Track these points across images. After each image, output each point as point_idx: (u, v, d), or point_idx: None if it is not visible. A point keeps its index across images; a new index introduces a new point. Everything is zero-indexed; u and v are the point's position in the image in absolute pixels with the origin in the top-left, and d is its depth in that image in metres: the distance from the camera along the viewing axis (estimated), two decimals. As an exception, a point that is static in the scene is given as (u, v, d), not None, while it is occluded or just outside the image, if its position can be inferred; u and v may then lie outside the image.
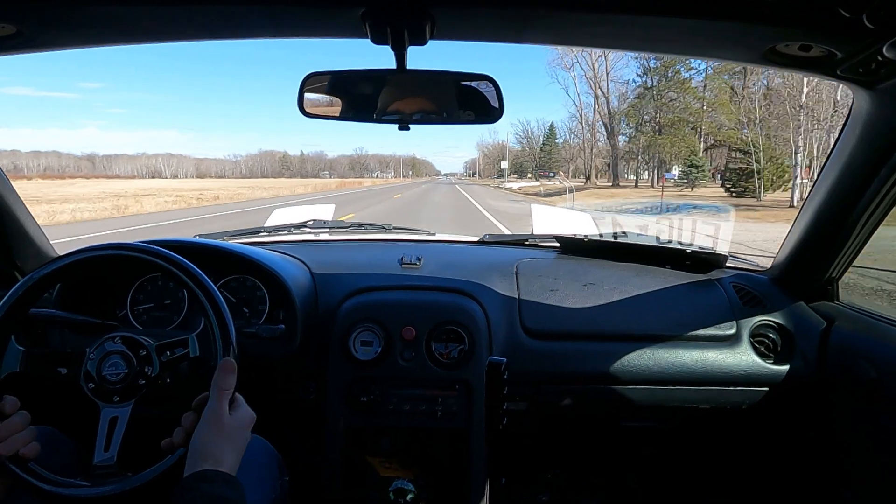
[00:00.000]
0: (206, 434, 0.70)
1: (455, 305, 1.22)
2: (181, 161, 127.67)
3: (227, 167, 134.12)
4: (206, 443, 0.69)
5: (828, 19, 0.64)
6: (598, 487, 1.62)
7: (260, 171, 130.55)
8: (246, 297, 1.22)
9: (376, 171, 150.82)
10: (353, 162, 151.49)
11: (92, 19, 0.72)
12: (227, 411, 0.73)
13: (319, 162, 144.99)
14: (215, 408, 0.72)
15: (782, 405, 1.26)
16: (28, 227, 1.18)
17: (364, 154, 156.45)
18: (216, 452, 0.68)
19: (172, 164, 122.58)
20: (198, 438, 0.70)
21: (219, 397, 0.73)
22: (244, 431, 0.74)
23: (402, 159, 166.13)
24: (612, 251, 1.48)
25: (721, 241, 1.77)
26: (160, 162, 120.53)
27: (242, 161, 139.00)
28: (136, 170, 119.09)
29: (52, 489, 0.74)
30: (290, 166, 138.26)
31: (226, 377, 0.75)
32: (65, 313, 1.06)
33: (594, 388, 1.24)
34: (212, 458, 0.67)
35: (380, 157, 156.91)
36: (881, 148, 0.93)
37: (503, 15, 0.71)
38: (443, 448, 1.24)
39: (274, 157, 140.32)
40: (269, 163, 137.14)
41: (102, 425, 0.79)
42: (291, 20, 0.73)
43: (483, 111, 0.88)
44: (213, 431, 0.70)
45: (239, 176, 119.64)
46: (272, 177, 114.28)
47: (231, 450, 0.70)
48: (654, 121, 36.13)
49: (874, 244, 1.13)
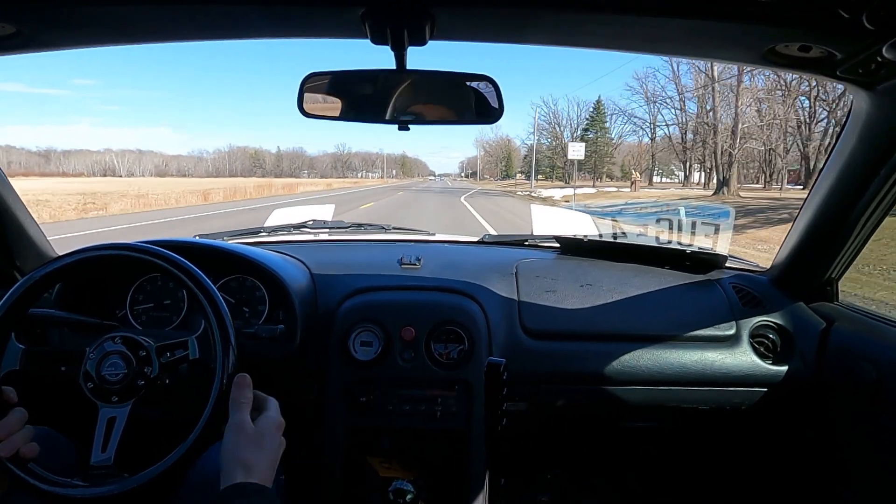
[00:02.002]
0: (233, 443, 0.71)
1: (455, 306, 1.22)
2: (140, 158, 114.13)
3: (191, 165, 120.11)
4: (234, 451, 0.70)
5: (828, 20, 0.64)
6: (598, 488, 1.62)
7: (228, 170, 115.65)
8: (245, 297, 1.21)
9: (361, 170, 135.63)
10: (336, 160, 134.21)
11: (92, 19, 0.72)
12: (250, 420, 0.73)
13: (297, 160, 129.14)
14: (237, 419, 0.73)
15: (782, 406, 1.26)
16: (28, 228, 1.18)
17: (347, 152, 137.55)
18: (246, 458, 0.69)
19: (128, 161, 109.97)
20: (226, 450, 0.70)
21: (237, 409, 0.74)
22: (274, 436, 0.74)
23: (391, 158, 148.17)
24: (611, 251, 1.48)
25: (721, 241, 1.77)
26: (114, 159, 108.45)
27: (210, 158, 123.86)
28: (89, 167, 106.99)
29: (49, 489, 0.74)
30: (262, 164, 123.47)
31: (241, 391, 0.76)
32: (64, 313, 1.05)
33: (594, 388, 1.24)
34: (242, 465, 0.68)
35: (364, 156, 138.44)
36: (881, 148, 0.93)
37: (503, 15, 0.71)
38: (442, 448, 1.24)
39: (245, 154, 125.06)
40: (241, 160, 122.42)
41: (100, 425, 0.79)
42: (291, 20, 0.73)
43: (483, 111, 0.88)
44: (240, 440, 0.71)
45: (203, 174, 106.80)
46: (242, 175, 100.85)
47: (261, 455, 0.70)
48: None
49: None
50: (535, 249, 1.58)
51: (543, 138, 55.13)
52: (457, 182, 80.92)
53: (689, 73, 32.55)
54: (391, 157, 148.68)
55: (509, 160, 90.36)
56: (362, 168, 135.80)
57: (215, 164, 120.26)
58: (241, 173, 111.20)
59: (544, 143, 55.51)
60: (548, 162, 58.46)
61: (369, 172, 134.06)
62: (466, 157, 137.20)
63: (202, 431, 0.78)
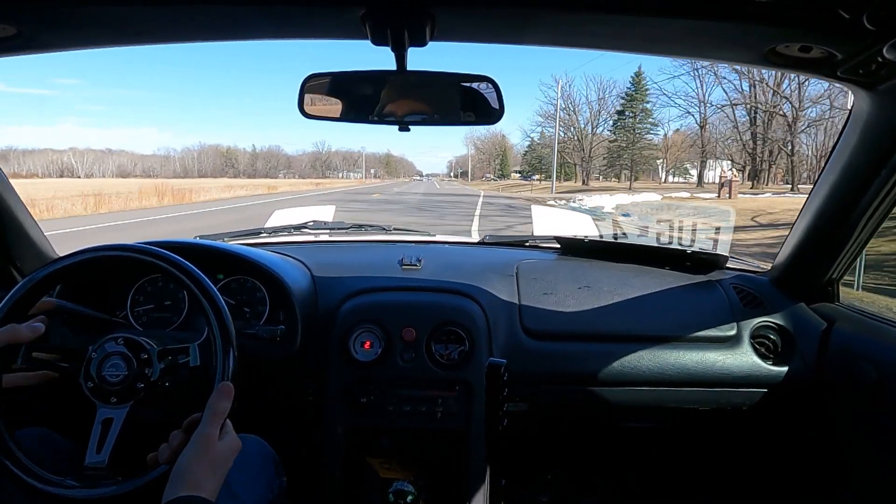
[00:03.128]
0: (192, 457, 0.68)
1: (455, 306, 1.22)
2: (102, 158, 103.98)
3: (157, 164, 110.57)
4: (190, 466, 0.67)
5: (828, 20, 0.64)
6: (598, 488, 1.62)
7: (197, 170, 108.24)
8: (246, 298, 1.21)
9: (343, 169, 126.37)
10: (315, 159, 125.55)
11: (92, 20, 0.72)
12: (217, 437, 0.71)
13: (272, 159, 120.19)
14: (206, 432, 0.70)
15: (782, 406, 1.26)
16: (28, 228, 1.18)
17: (327, 151, 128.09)
18: (199, 478, 0.67)
19: (87, 160, 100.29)
20: (184, 460, 0.68)
21: (211, 421, 0.72)
22: (229, 460, 0.72)
23: (376, 157, 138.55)
24: (612, 252, 1.48)
25: (721, 241, 1.77)
26: (72, 159, 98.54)
27: (177, 158, 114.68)
28: (44, 168, 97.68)
29: (42, 487, 0.74)
30: (234, 164, 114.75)
31: (221, 400, 0.74)
32: (72, 304, 1.06)
33: (594, 388, 1.24)
34: (194, 484, 0.66)
35: (345, 154, 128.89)
36: (881, 149, 0.93)
37: (503, 15, 0.71)
38: (443, 449, 1.24)
39: (217, 153, 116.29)
40: (212, 159, 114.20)
41: (96, 426, 0.79)
42: (291, 21, 0.73)
43: (483, 112, 0.88)
44: (201, 456, 0.68)
45: (170, 175, 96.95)
46: (213, 176, 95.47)
47: (213, 477, 0.68)
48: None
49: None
50: (536, 250, 1.58)
51: (549, 129, 45.14)
52: (445, 184, 67.09)
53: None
54: (376, 157, 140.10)
55: (504, 158, 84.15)
56: (344, 167, 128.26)
57: (184, 164, 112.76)
58: (211, 173, 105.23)
59: (550, 135, 44.90)
60: (557, 159, 44.64)
61: (350, 172, 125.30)
62: (455, 157, 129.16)
63: None
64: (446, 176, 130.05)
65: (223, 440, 0.72)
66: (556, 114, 40.45)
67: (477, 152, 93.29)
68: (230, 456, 0.72)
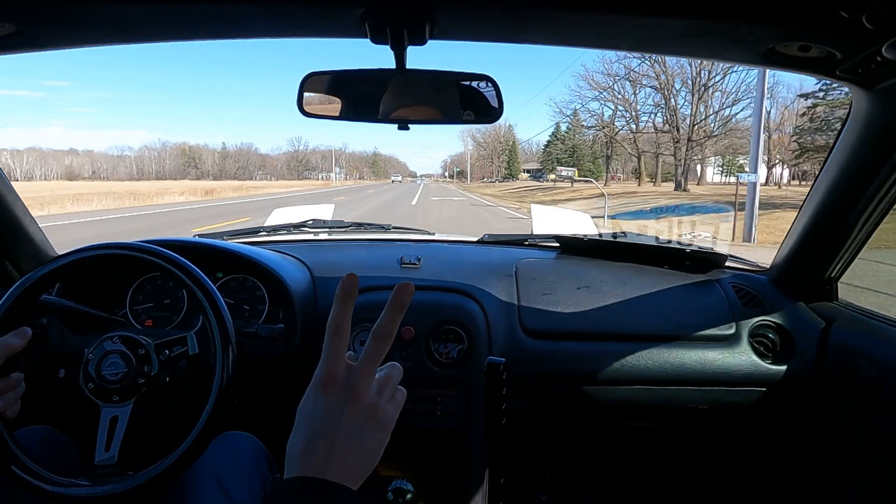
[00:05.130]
0: (334, 418, 0.50)
1: (454, 305, 1.22)
2: (44, 157, 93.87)
3: (108, 164, 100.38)
4: (331, 429, 0.49)
5: (827, 20, 0.64)
6: (598, 487, 1.62)
7: (154, 172, 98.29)
8: (245, 296, 1.21)
9: (322, 169, 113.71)
10: (291, 158, 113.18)
11: (92, 19, 0.71)
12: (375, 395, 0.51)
13: (241, 158, 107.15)
14: (364, 388, 0.51)
15: (781, 405, 1.26)
16: (28, 227, 1.18)
17: (304, 149, 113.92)
18: (347, 453, 0.48)
19: (26, 161, 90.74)
20: (319, 419, 0.49)
21: (366, 370, 0.52)
22: (385, 434, 0.53)
23: (362, 156, 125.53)
24: (611, 251, 1.48)
25: (720, 241, 1.76)
26: (10, 159, 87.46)
27: (133, 157, 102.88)
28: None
29: (52, 489, 0.74)
30: (198, 164, 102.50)
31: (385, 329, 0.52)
32: (72, 303, 1.06)
33: (593, 388, 1.24)
34: (339, 464, 0.47)
35: (324, 153, 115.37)
36: (880, 148, 0.93)
37: (503, 15, 0.71)
38: (442, 448, 1.24)
39: (180, 152, 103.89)
40: (173, 158, 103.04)
41: (103, 425, 0.80)
42: (291, 20, 0.73)
43: (483, 111, 0.88)
44: (358, 419, 0.50)
45: (124, 177, 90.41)
46: (172, 178, 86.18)
47: (362, 454, 0.50)
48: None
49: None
50: (535, 249, 1.58)
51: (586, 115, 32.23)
52: (436, 188, 44.59)
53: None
54: (362, 156, 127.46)
55: (512, 154, 69.15)
56: (324, 167, 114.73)
57: (140, 164, 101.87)
58: (170, 175, 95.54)
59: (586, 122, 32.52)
60: (586, 154, 33.96)
61: (330, 172, 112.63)
62: (450, 155, 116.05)
63: (204, 428, 0.78)
64: (441, 177, 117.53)
65: (394, 402, 0.53)
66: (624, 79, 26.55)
67: (477, 148, 78.46)
68: (386, 427, 0.51)
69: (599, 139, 33.85)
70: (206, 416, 0.79)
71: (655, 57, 25.74)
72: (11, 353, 0.75)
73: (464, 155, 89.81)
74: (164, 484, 0.78)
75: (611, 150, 28.10)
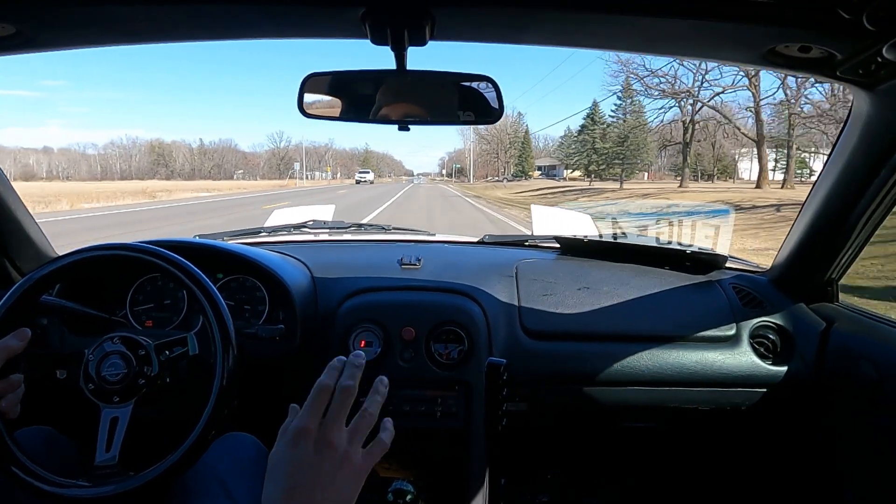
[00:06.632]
0: (316, 471, 0.54)
1: (455, 306, 1.22)
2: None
3: (69, 162, 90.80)
4: (313, 484, 0.53)
5: (828, 20, 0.64)
6: (598, 488, 1.62)
7: (118, 171, 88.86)
8: (245, 297, 1.21)
9: (308, 167, 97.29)
10: (272, 155, 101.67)
11: (92, 19, 0.72)
12: (360, 450, 0.58)
13: (217, 155, 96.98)
14: (343, 441, 0.57)
15: (782, 406, 1.26)
16: (28, 227, 1.18)
17: (287, 146, 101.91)
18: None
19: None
20: (304, 475, 0.53)
21: (358, 429, 0.60)
22: (360, 478, 0.57)
23: (351, 153, 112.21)
24: (611, 252, 1.48)
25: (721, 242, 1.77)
26: None
27: (97, 156, 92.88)
28: None
29: (53, 490, 0.74)
30: (168, 162, 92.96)
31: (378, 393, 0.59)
32: (72, 303, 1.06)
33: (594, 388, 1.24)
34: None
35: (308, 149, 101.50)
36: (881, 149, 0.93)
37: (503, 15, 0.71)
38: (442, 449, 1.24)
39: (149, 149, 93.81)
40: (141, 156, 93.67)
41: (103, 426, 0.79)
42: (291, 20, 0.73)
43: (483, 112, 0.88)
44: (345, 473, 0.55)
45: (87, 177, 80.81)
46: (139, 178, 76.73)
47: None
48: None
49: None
50: (536, 250, 1.58)
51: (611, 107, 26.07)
52: (431, 188, 38.64)
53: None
54: (352, 153, 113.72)
55: (525, 147, 58.55)
56: (309, 165, 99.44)
57: (104, 163, 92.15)
58: (136, 174, 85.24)
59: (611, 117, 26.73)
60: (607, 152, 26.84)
61: (316, 171, 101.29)
62: (448, 152, 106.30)
63: (204, 428, 0.78)
64: (438, 175, 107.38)
65: (374, 445, 0.59)
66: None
67: (480, 141, 69.28)
68: (363, 472, 0.56)
69: (665, 128, 23.01)
70: (206, 416, 0.79)
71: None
72: (11, 354, 0.75)
73: (464, 150, 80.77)
74: (165, 485, 0.78)
75: (690, 135, 19.59)
